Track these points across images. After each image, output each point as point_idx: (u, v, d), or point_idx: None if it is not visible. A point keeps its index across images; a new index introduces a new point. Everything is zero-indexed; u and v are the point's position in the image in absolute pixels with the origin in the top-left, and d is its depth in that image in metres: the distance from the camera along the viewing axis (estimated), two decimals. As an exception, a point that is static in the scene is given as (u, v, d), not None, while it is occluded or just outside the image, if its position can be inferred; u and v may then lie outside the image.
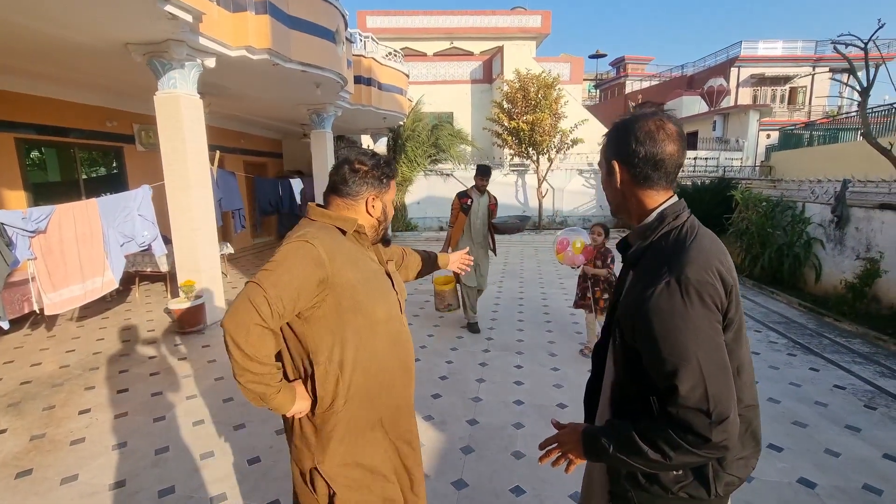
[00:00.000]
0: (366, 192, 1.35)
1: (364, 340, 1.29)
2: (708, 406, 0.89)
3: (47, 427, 3.07)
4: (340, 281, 1.24)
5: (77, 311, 5.40)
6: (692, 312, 0.92)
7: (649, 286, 0.96)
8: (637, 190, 1.09)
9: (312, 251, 1.21)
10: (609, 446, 1.00)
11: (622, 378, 1.08)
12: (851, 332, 4.71)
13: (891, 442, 2.81)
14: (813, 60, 21.94)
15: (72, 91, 6.22)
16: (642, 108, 1.12)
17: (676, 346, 0.91)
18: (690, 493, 1.03)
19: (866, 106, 4.76)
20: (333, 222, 1.32)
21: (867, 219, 5.45)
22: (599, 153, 1.18)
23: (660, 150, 1.03)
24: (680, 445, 0.91)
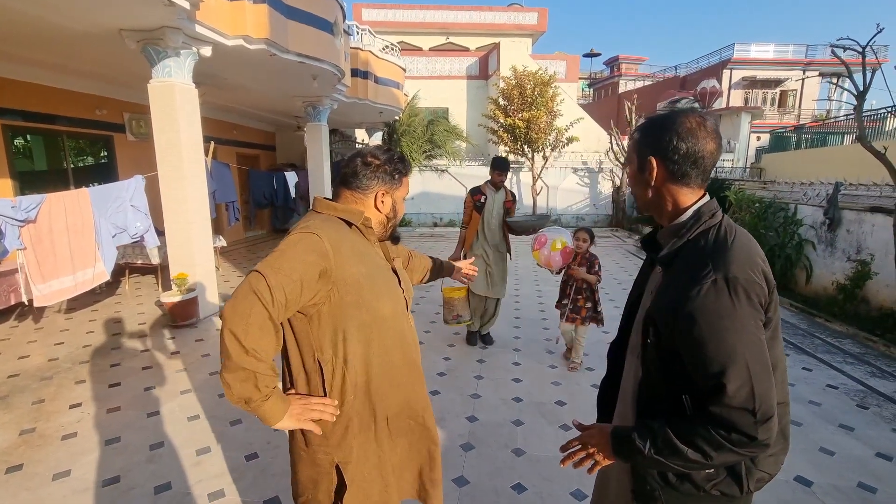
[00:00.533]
0: (376, 187, 1.31)
1: (368, 336, 1.25)
2: (754, 405, 0.89)
3: (37, 421, 3.00)
4: (344, 274, 1.19)
5: (65, 304, 5.28)
6: (740, 312, 0.91)
7: (692, 286, 0.94)
8: (673, 187, 1.07)
9: (317, 242, 1.17)
10: (644, 447, 0.98)
11: (654, 377, 1.06)
12: (842, 332, 4.79)
13: (883, 441, 2.86)
14: (803, 64, 22.22)
15: (60, 77, 6.06)
16: (677, 104, 1.10)
17: (724, 346, 0.90)
18: (723, 491, 1.03)
19: (862, 110, 4.82)
20: (339, 214, 1.28)
21: (858, 221, 5.53)
22: (629, 149, 1.15)
23: (701, 147, 1.02)
24: (723, 445, 0.91)
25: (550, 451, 2.73)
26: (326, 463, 1.27)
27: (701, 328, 0.91)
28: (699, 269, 0.95)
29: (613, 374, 1.32)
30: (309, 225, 1.21)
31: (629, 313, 1.26)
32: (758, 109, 20.03)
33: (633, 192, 1.17)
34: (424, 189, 14.20)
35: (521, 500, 2.34)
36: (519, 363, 3.97)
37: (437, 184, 14.23)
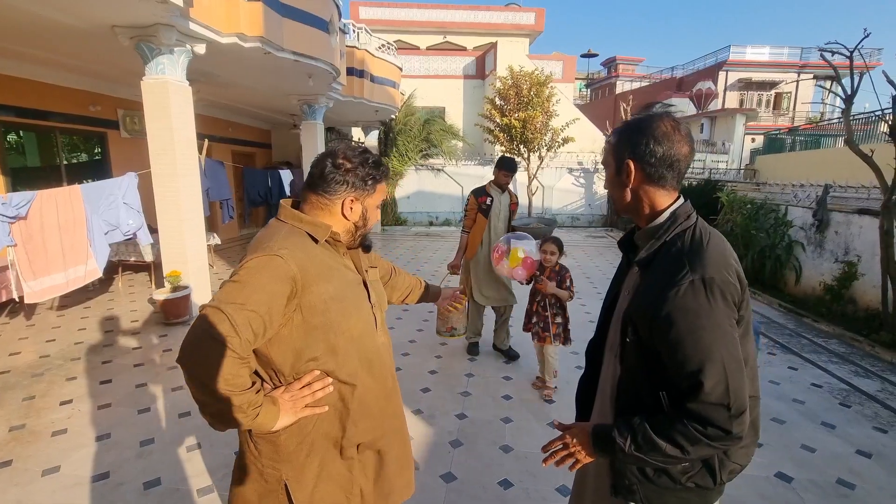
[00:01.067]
0: (344, 193, 1.18)
1: (333, 360, 1.16)
2: (729, 401, 0.93)
3: (27, 418, 3.01)
4: (311, 297, 1.10)
5: (57, 300, 5.28)
6: (715, 311, 0.95)
7: (670, 286, 0.97)
8: (650, 189, 1.10)
9: (281, 265, 1.05)
10: (625, 444, 1.01)
11: (632, 375, 1.10)
12: (829, 332, 4.85)
13: (863, 439, 2.92)
14: (798, 67, 22.39)
15: (54, 73, 6.04)
16: (650, 108, 1.13)
17: (701, 345, 0.94)
18: (697, 483, 1.07)
19: (850, 113, 4.88)
20: (304, 227, 1.17)
21: (846, 223, 5.60)
22: (605, 152, 1.17)
23: (676, 150, 1.06)
24: (699, 440, 0.95)
25: (537, 447, 2.77)
26: (274, 479, 1.17)
27: (679, 327, 0.95)
28: (676, 270, 0.98)
29: (592, 371, 1.34)
30: (272, 245, 1.09)
31: (607, 312, 1.29)
32: (752, 111, 20.16)
33: (610, 194, 1.21)
34: (420, 188, 14.22)
35: (508, 496, 2.37)
36: (509, 362, 4.00)
37: (434, 183, 14.24)
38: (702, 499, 1.10)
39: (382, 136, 13.19)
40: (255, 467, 1.18)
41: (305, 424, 1.16)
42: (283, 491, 1.17)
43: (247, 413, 1.04)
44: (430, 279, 7.49)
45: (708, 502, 1.12)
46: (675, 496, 1.09)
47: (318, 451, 1.19)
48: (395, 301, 1.71)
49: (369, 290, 1.30)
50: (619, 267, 1.31)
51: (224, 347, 0.97)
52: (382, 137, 13.21)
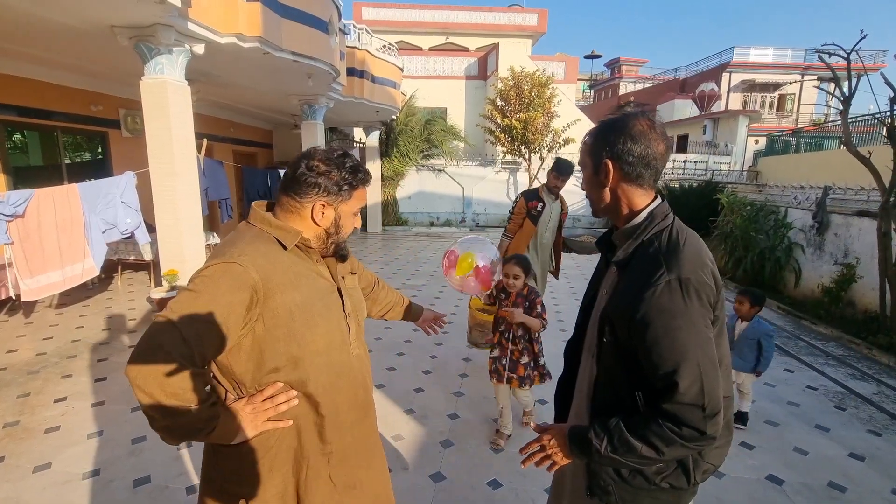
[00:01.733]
0: (315, 196, 1.12)
1: (297, 372, 1.10)
2: (703, 401, 0.93)
3: (21, 415, 3.03)
4: (274, 306, 1.04)
5: (56, 298, 5.31)
6: (691, 311, 0.95)
7: (648, 286, 0.97)
8: (628, 189, 1.10)
9: (240, 273, 1.00)
10: (601, 446, 1.01)
11: (609, 376, 1.09)
12: (826, 335, 4.82)
13: (857, 442, 2.90)
14: (802, 68, 22.28)
15: (55, 73, 6.09)
16: (626, 107, 1.13)
17: (677, 345, 0.94)
18: (671, 483, 1.07)
19: (848, 115, 4.86)
20: (273, 232, 1.11)
21: (846, 225, 5.57)
22: (582, 152, 1.17)
23: (653, 149, 1.06)
24: (674, 440, 0.95)
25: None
26: (233, 498, 1.12)
27: (656, 328, 0.95)
28: (654, 270, 0.98)
29: (570, 372, 1.34)
30: (232, 251, 1.04)
31: (585, 312, 1.28)
32: (755, 113, 20.09)
33: (588, 195, 1.18)
34: (421, 188, 14.23)
35: (496, 496, 2.37)
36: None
37: (434, 183, 14.25)
38: (676, 499, 1.10)
39: (384, 137, 13.21)
40: (217, 484, 1.14)
41: (268, 438, 1.11)
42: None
43: (201, 429, 1.00)
44: (430, 279, 7.49)
45: (682, 502, 1.12)
46: (649, 496, 1.09)
47: (281, 469, 1.13)
48: (375, 315, 1.67)
49: (343, 298, 1.23)
50: (597, 267, 1.31)
51: (173, 360, 0.93)
52: (384, 138, 13.22)
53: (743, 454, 2.74)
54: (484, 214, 14.60)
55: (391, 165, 13.35)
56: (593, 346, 1.17)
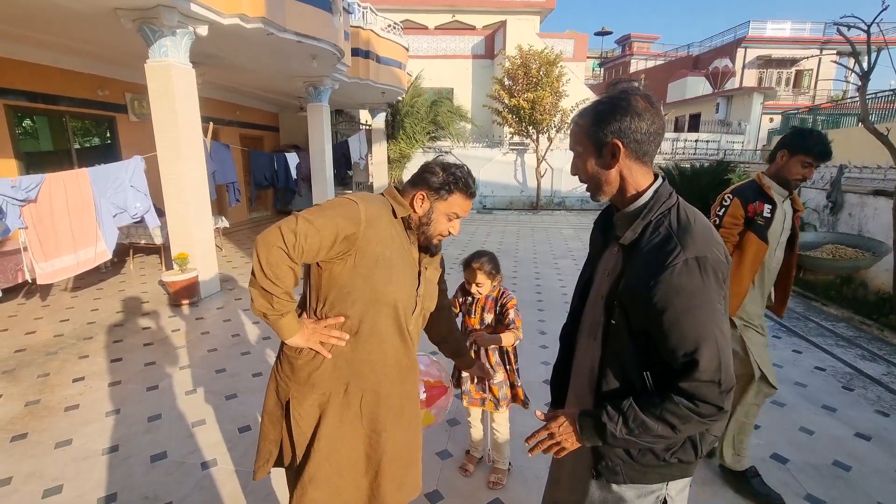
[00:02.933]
0: (420, 188, 1.37)
1: (364, 312, 1.32)
2: (720, 377, 0.95)
3: (41, 394, 3.13)
4: (365, 246, 1.27)
5: (71, 282, 5.42)
6: (709, 290, 0.96)
7: (665, 266, 0.97)
8: (634, 168, 1.07)
9: (354, 210, 1.26)
10: (616, 428, 1.02)
11: (620, 357, 1.08)
12: (837, 316, 4.78)
13: (863, 422, 2.90)
14: (821, 43, 21.54)
15: (62, 57, 6.09)
16: (618, 85, 1.09)
17: (697, 323, 0.95)
18: (680, 458, 1.08)
19: (866, 91, 4.71)
20: (392, 201, 1.37)
21: (861, 205, 5.46)
22: (577, 136, 1.11)
23: (657, 124, 1.05)
24: (690, 417, 0.97)
25: (532, 428, 2.80)
26: (283, 395, 1.39)
27: (676, 307, 0.95)
28: (669, 250, 0.98)
29: (565, 356, 1.33)
30: (357, 194, 1.33)
31: (581, 295, 1.26)
32: (771, 90, 19.56)
33: (588, 179, 1.13)
34: (428, 171, 14.15)
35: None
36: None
37: (441, 165, 14.16)
38: (683, 472, 1.12)
39: (389, 119, 13.11)
40: (275, 381, 1.42)
41: (316, 358, 1.34)
42: (285, 407, 1.38)
43: (274, 307, 1.25)
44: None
45: (688, 474, 1.13)
46: (657, 473, 1.10)
47: (322, 387, 1.35)
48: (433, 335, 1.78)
49: (421, 280, 1.42)
50: (592, 248, 1.29)
51: (282, 240, 1.20)
52: (389, 119, 13.12)
53: (748, 433, 2.76)
54: (491, 196, 14.52)
55: (397, 147, 13.27)
56: (596, 329, 1.15)
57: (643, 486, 1.11)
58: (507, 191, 14.50)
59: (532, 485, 2.34)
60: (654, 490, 1.12)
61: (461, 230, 11.06)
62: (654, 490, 1.12)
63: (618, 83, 1.09)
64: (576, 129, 1.12)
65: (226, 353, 3.78)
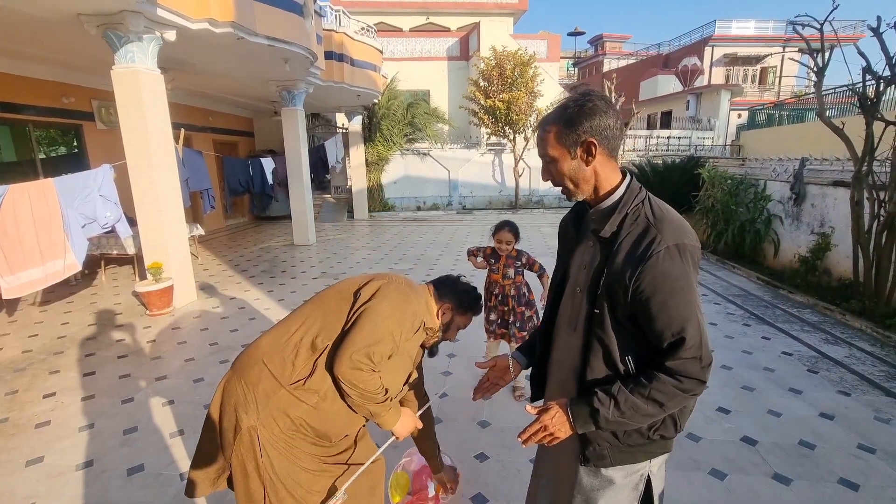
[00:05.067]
0: (446, 301, 1.59)
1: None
2: (701, 353, 1.04)
3: (10, 412, 3.03)
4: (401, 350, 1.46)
5: (40, 295, 5.25)
6: (689, 273, 1.05)
7: (648, 255, 1.04)
8: (607, 165, 1.14)
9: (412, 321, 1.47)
10: (608, 412, 1.07)
11: (605, 345, 1.13)
12: (803, 302, 4.98)
13: (827, 402, 3.04)
14: (783, 40, 22.33)
15: (23, 65, 5.90)
16: (577, 89, 1.16)
17: (682, 304, 1.03)
18: (662, 434, 1.15)
19: (822, 86, 4.92)
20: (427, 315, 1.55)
21: (822, 195, 5.70)
22: (548, 143, 1.14)
23: (620, 121, 1.13)
24: (676, 394, 1.04)
25: (513, 422, 2.85)
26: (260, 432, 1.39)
27: (664, 291, 1.02)
28: (650, 240, 1.05)
29: (543, 349, 1.37)
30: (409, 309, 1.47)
31: (557, 290, 1.30)
32: (737, 87, 20.19)
33: (564, 181, 1.17)
34: (407, 173, 14.14)
35: (483, 468, 2.45)
36: (491, 341, 4.07)
37: (420, 167, 14.17)
38: (664, 448, 1.19)
39: (366, 122, 13.05)
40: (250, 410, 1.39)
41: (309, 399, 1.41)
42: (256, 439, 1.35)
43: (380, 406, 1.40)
44: (417, 263, 7.50)
45: (668, 449, 1.21)
46: (642, 451, 1.17)
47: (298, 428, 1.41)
48: None
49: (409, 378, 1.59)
50: (564, 243, 1.34)
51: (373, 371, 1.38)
52: (366, 122, 13.06)
53: (720, 418, 2.86)
54: (471, 197, 14.60)
55: (375, 150, 13.23)
56: (577, 320, 1.19)
57: (629, 465, 1.18)
58: (486, 191, 14.60)
59: (514, 478, 2.38)
60: (639, 469, 1.19)
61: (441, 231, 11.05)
62: (639, 469, 1.19)
63: (576, 88, 1.16)
64: (546, 137, 1.15)
65: (203, 362, 3.72)
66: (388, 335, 1.38)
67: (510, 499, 2.24)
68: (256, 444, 1.33)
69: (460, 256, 7.63)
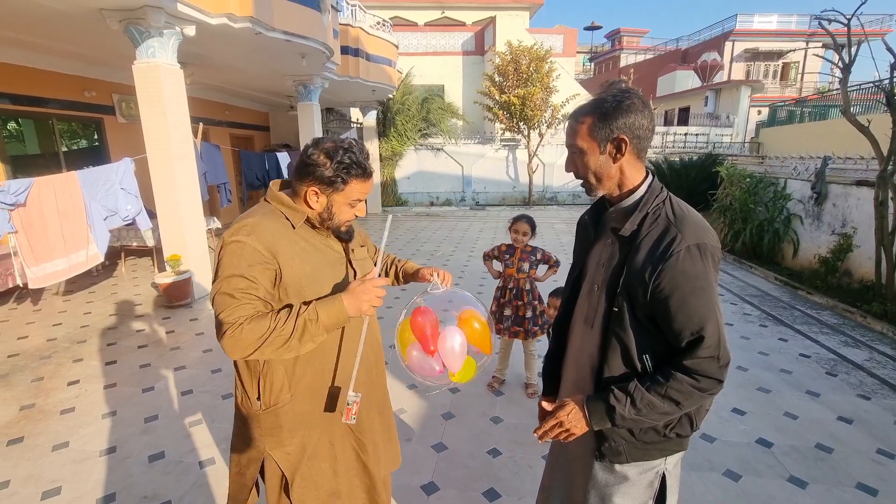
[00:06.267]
0: (308, 182, 1.22)
1: None
2: (719, 352, 1.04)
3: (36, 398, 3.14)
4: (286, 276, 1.19)
5: (63, 286, 5.39)
6: (709, 273, 1.05)
7: (668, 254, 1.04)
8: (634, 163, 1.14)
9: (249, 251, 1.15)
10: (624, 410, 1.08)
11: (625, 342, 1.12)
12: (822, 304, 4.89)
13: (845, 406, 2.98)
14: (807, 35, 21.75)
15: (47, 59, 6.03)
16: (616, 84, 1.14)
17: (701, 303, 1.03)
18: (678, 433, 1.15)
19: (847, 83, 4.79)
20: (284, 210, 1.25)
21: (844, 195, 5.57)
22: (579, 133, 1.13)
23: (653, 123, 1.12)
24: (693, 393, 1.05)
25: (525, 418, 2.86)
26: (258, 448, 1.31)
27: (683, 290, 1.03)
28: (670, 239, 1.05)
29: (558, 345, 1.38)
30: (243, 227, 1.18)
31: (574, 286, 1.31)
32: (758, 83, 19.75)
33: (588, 174, 1.15)
34: (420, 168, 14.16)
35: (495, 464, 2.47)
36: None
37: (433, 163, 14.18)
38: (679, 446, 1.19)
39: (381, 116, 13.08)
40: (243, 428, 1.34)
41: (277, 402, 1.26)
42: (261, 461, 1.32)
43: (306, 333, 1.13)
44: (430, 257, 7.51)
45: (684, 448, 1.20)
46: (657, 449, 1.17)
47: (296, 427, 1.29)
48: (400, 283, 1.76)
49: (355, 268, 1.36)
50: (581, 241, 1.34)
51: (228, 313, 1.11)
52: (381, 117, 13.09)
53: (734, 419, 2.83)
54: (484, 193, 14.57)
55: (389, 145, 13.26)
56: (595, 317, 1.19)
57: (645, 462, 1.17)
58: (499, 187, 14.55)
59: (526, 474, 2.39)
60: (655, 466, 1.18)
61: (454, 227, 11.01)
62: (655, 466, 1.18)
63: (613, 83, 1.15)
64: (578, 127, 1.13)
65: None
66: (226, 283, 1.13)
67: (522, 494, 2.25)
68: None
69: (473, 252, 7.64)
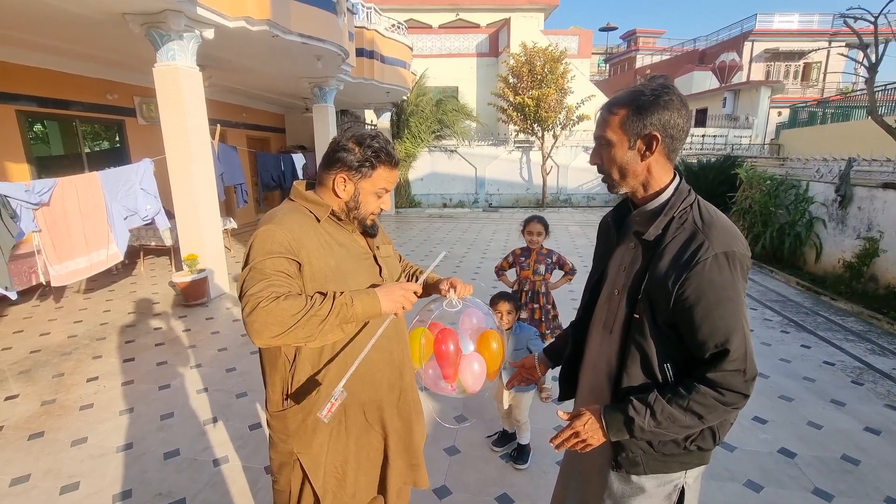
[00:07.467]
0: (337, 168, 1.23)
1: None
2: (746, 366, 0.99)
3: (57, 393, 3.20)
4: (311, 270, 1.18)
5: (84, 284, 5.51)
6: (737, 283, 1.00)
7: (694, 262, 0.99)
8: (663, 163, 1.08)
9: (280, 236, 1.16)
10: (643, 422, 1.03)
11: (643, 351, 1.08)
12: (846, 310, 4.74)
13: (873, 416, 2.88)
14: (829, 35, 21.23)
15: (71, 62, 6.18)
16: (655, 79, 1.09)
17: (727, 315, 0.98)
18: (700, 446, 1.10)
19: (874, 83, 4.66)
20: (307, 206, 1.26)
21: (870, 198, 5.40)
22: (610, 126, 1.08)
23: (688, 124, 1.07)
24: (717, 406, 0.99)
25: (539, 421, 2.82)
26: (286, 452, 1.30)
27: (708, 300, 0.98)
28: (697, 245, 1.00)
29: (576, 350, 1.33)
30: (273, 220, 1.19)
31: (593, 290, 1.27)
32: (778, 84, 19.32)
33: (613, 168, 1.10)
34: (434, 170, 14.17)
35: (509, 468, 2.44)
36: (517, 340, 4.04)
37: (447, 164, 14.18)
38: (701, 459, 1.13)
39: (395, 118, 13.14)
40: (274, 438, 1.32)
41: (305, 396, 1.24)
42: (297, 462, 1.29)
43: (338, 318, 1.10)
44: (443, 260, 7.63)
45: (705, 461, 1.15)
46: (677, 462, 1.12)
47: (322, 426, 1.26)
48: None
49: (381, 264, 1.35)
50: (603, 243, 1.30)
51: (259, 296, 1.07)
52: (395, 119, 13.15)
53: (756, 428, 2.75)
54: (497, 195, 14.52)
55: (403, 147, 13.30)
56: (615, 323, 1.15)
57: (663, 475, 1.12)
58: (512, 189, 14.49)
59: (539, 479, 2.35)
60: (674, 479, 1.13)
61: (467, 228, 11.01)
62: (674, 479, 1.13)
63: (654, 77, 1.09)
64: (609, 119, 1.08)
65: (236, 353, 3.83)
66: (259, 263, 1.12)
67: (535, 499, 2.21)
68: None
69: (486, 254, 7.60)
